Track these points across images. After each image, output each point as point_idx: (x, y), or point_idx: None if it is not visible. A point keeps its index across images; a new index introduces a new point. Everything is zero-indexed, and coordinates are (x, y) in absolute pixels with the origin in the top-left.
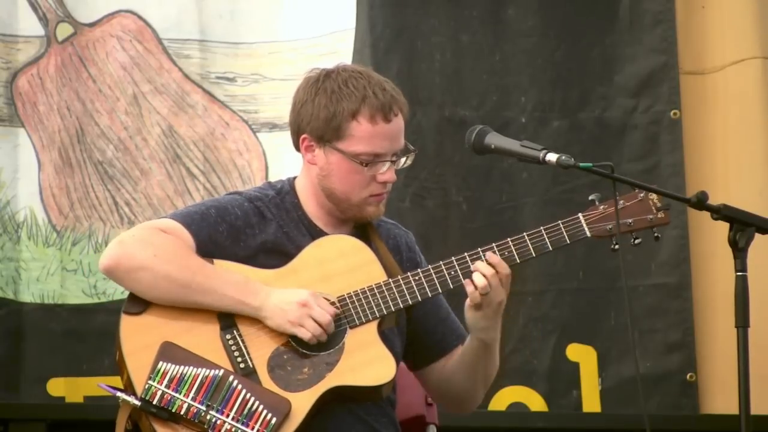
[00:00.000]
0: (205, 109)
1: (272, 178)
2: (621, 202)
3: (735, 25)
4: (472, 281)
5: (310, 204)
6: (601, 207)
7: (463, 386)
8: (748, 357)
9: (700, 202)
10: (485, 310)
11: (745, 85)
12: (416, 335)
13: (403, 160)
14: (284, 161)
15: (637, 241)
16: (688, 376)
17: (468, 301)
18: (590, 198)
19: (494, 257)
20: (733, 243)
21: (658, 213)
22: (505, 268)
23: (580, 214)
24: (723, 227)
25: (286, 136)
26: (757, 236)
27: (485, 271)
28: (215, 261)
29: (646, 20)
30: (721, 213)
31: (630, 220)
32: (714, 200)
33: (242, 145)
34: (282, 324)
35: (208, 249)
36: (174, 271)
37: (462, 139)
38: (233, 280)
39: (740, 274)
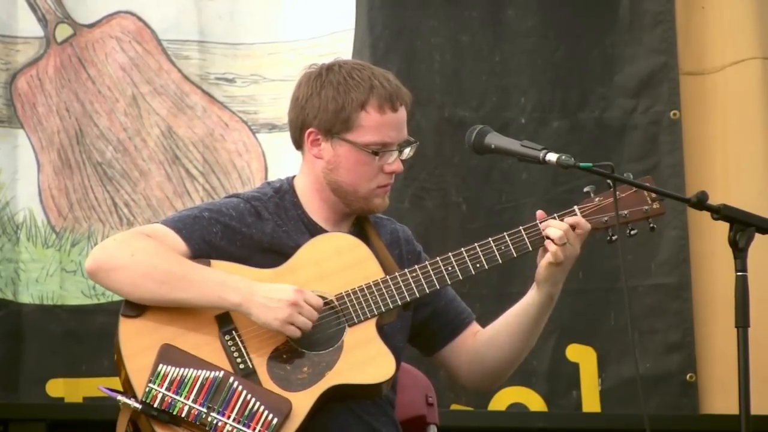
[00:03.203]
0: (205, 110)
1: (271, 179)
2: (616, 192)
3: (735, 25)
4: (548, 237)
5: (312, 201)
6: (597, 199)
7: (507, 353)
8: (748, 357)
9: (700, 202)
10: (564, 265)
11: (745, 85)
12: (426, 320)
13: (407, 150)
14: (284, 162)
15: (633, 232)
16: (687, 377)
17: (547, 258)
18: (585, 190)
19: (569, 218)
20: (733, 243)
21: (653, 204)
22: (584, 225)
23: (575, 207)
24: (723, 227)
25: (286, 136)
26: (757, 236)
27: (561, 227)
28: (212, 262)
29: (646, 20)
30: (721, 213)
31: (626, 212)
32: (714, 200)
33: (241, 145)
34: (269, 322)
35: (204, 251)
36: (150, 269)
37: (462, 140)
38: (213, 277)
39: (740, 274)
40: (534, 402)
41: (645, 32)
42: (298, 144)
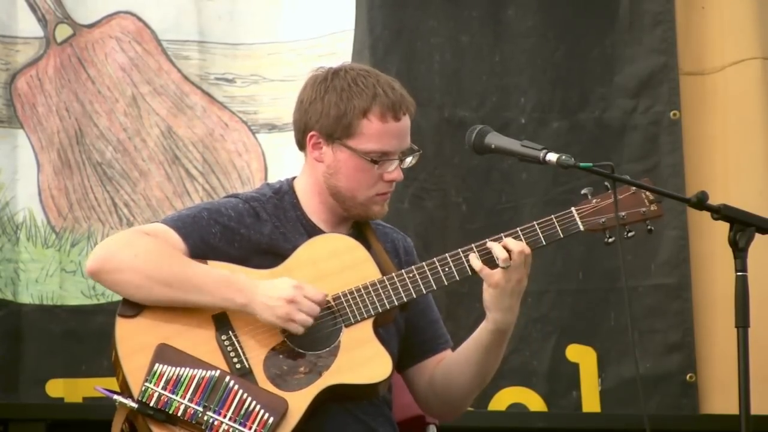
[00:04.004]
0: (204, 110)
1: (271, 179)
2: (616, 192)
3: (735, 25)
4: (494, 257)
5: (311, 203)
6: (594, 201)
7: (458, 386)
8: (748, 357)
9: (700, 202)
10: (505, 286)
11: (745, 85)
12: (405, 335)
13: (408, 159)
14: (284, 162)
15: (630, 234)
16: (687, 377)
17: (486, 282)
18: (582, 192)
19: (512, 242)
20: (733, 243)
21: (650, 206)
22: (524, 248)
23: (573, 208)
24: (723, 227)
25: (286, 137)
26: (757, 236)
27: (509, 247)
28: (209, 262)
29: (646, 21)
30: (721, 213)
31: (623, 214)
32: (714, 200)
33: (241, 146)
34: (272, 320)
35: (202, 251)
36: (155, 270)
37: (461, 140)
38: (217, 277)
39: (740, 274)
40: (534, 402)
41: (645, 32)
42: (301, 145)
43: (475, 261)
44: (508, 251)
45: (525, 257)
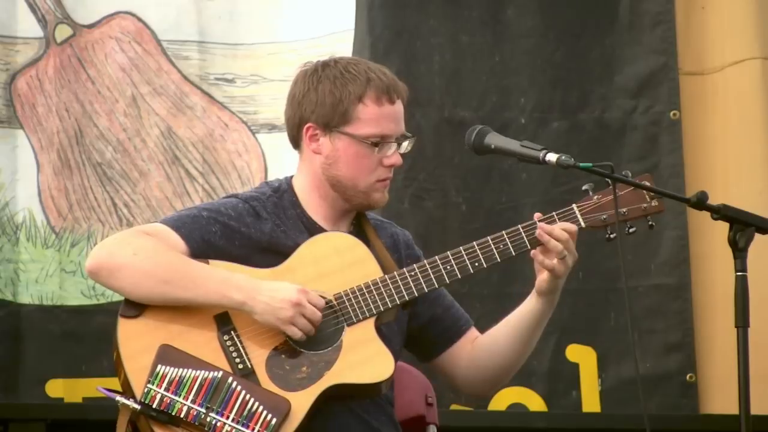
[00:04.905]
0: (204, 110)
1: (271, 179)
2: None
3: (735, 25)
4: (550, 250)
5: (311, 200)
6: (595, 197)
7: (503, 364)
8: (748, 357)
9: (700, 202)
10: (565, 272)
11: (745, 85)
12: (423, 326)
13: (405, 144)
14: (283, 162)
15: (631, 230)
16: (687, 377)
17: (549, 274)
18: (583, 188)
19: (563, 224)
20: (733, 243)
21: (651, 201)
22: (570, 227)
23: (573, 205)
24: (723, 227)
25: (286, 137)
26: (757, 236)
27: (560, 236)
28: (211, 261)
29: (646, 21)
30: (721, 213)
31: (624, 210)
32: (714, 200)
33: (241, 146)
34: (272, 321)
35: (203, 250)
36: (153, 268)
37: (461, 140)
38: (216, 275)
39: (740, 274)
40: (534, 402)
41: (645, 32)
42: (296, 142)
43: (548, 262)
44: (558, 240)
45: (569, 239)
